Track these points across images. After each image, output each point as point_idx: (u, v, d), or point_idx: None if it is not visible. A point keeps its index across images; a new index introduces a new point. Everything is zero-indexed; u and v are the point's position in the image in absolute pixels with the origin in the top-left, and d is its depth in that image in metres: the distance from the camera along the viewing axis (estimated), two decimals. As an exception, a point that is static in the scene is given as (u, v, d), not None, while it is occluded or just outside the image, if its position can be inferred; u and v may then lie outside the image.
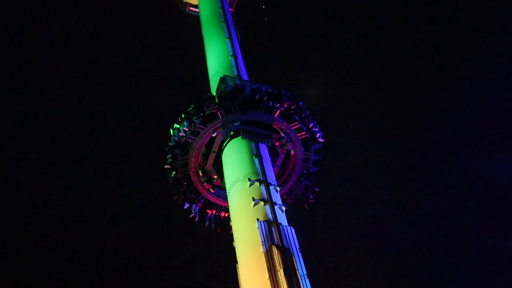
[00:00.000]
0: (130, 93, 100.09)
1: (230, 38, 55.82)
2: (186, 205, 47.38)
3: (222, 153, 44.10)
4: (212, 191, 47.00)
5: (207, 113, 44.28)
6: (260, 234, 33.67)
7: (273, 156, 45.34)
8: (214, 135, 44.48)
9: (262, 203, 36.34)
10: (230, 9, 68.35)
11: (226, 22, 58.57)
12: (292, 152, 46.02)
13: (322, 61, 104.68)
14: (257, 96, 44.66)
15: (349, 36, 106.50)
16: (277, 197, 38.12)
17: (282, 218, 36.16)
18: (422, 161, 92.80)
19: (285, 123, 45.43)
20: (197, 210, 47.37)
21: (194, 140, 44.86)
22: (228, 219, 45.42)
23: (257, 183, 37.95)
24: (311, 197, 47.66)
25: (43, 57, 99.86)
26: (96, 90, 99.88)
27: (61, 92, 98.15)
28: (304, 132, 46.15)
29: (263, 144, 43.46)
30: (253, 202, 36.23)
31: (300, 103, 46.29)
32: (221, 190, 46.44)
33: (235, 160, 41.65)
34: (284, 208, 37.17)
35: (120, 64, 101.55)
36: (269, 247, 32.80)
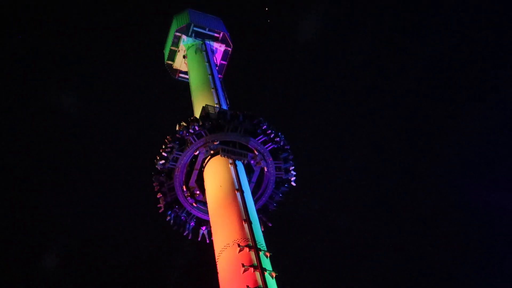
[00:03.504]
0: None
1: (219, 104, 56.30)
2: (159, 195, 49.95)
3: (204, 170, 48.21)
4: (195, 205, 50.16)
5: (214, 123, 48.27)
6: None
7: (248, 172, 48.77)
8: (196, 153, 48.34)
9: (252, 269, 35.93)
10: (219, 76, 69.81)
11: (215, 88, 59.42)
12: (266, 169, 49.52)
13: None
14: (263, 127, 49.13)
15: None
16: (267, 263, 37.66)
17: (272, 285, 35.69)
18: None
19: (271, 158, 49.37)
20: (163, 203, 50.01)
21: (195, 141, 48.09)
22: (186, 222, 50.65)
23: (246, 249, 37.60)
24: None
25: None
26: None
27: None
28: (282, 172, 50.16)
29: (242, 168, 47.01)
30: (243, 269, 35.81)
31: (288, 147, 50.25)
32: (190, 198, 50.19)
33: (222, 219, 42.34)
34: (275, 275, 36.64)
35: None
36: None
